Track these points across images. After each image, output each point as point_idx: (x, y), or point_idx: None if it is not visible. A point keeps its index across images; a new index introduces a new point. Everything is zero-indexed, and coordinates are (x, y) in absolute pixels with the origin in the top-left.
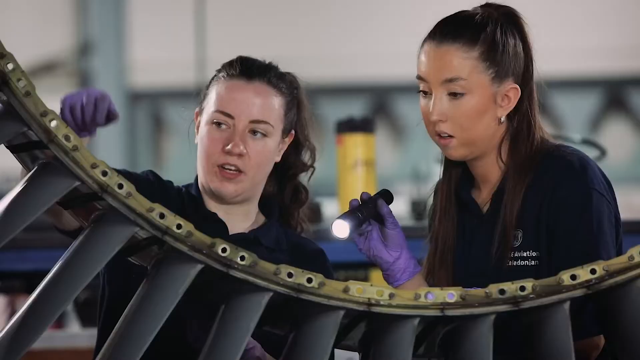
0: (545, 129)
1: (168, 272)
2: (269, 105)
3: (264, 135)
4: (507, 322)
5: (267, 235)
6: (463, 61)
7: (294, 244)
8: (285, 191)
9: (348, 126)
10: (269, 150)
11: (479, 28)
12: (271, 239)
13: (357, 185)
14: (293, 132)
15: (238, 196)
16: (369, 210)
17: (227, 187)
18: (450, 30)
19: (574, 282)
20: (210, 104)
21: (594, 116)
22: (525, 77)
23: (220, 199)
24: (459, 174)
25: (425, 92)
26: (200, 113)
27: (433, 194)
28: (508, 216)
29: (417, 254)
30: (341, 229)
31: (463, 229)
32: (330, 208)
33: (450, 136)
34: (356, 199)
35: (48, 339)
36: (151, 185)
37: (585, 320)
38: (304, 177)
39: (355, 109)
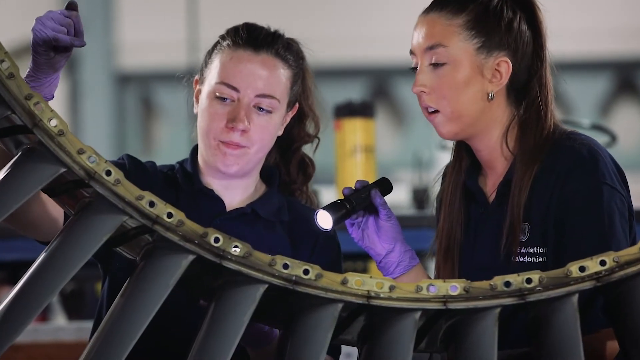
0: (557, 117)
1: (158, 263)
2: (276, 78)
3: (269, 111)
4: (512, 316)
5: (267, 206)
6: (445, 28)
7: (297, 216)
8: (291, 165)
9: (347, 110)
10: (273, 125)
11: None
12: (271, 210)
13: (356, 172)
14: (297, 104)
15: (239, 171)
16: (361, 201)
17: (229, 161)
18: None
19: (583, 274)
20: (213, 74)
21: (604, 100)
22: (534, 62)
23: (221, 173)
24: (467, 163)
25: (416, 69)
26: (200, 81)
27: (441, 179)
28: (515, 208)
29: (417, 244)
30: (324, 220)
31: (468, 219)
32: (328, 195)
33: (436, 111)
34: (348, 187)
35: (32, 332)
36: (124, 171)
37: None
38: (308, 150)
39: (354, 92)
